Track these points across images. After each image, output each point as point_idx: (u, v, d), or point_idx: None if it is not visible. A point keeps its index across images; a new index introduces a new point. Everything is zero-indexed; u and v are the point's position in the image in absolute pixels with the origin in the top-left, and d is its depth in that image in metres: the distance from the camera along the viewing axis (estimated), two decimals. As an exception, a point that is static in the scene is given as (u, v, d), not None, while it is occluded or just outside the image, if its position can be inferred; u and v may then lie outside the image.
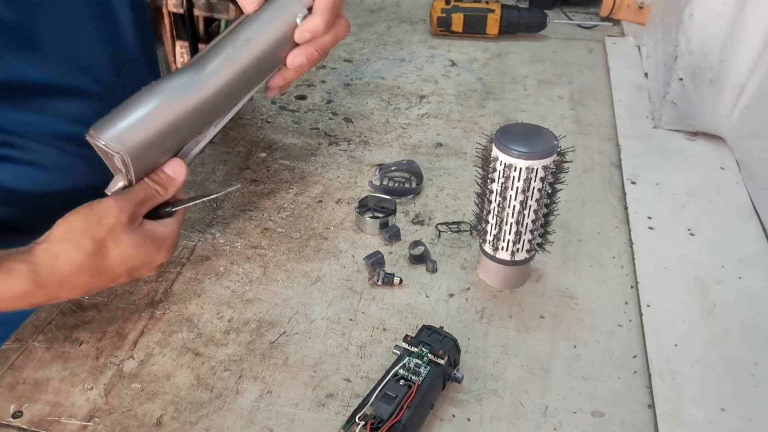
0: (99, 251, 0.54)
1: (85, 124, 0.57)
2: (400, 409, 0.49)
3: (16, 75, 0.61)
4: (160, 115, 0.56)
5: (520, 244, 0.62)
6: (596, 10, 1.30)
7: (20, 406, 0.54)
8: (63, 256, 0.53)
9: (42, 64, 0.63)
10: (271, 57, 0.61)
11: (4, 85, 0.61)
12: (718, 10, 0.80)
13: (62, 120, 0.66)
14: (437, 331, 0.56)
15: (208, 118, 0.60)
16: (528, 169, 0.57)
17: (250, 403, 0.55)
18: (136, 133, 0.55)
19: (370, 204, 0.77)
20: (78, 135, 0.59)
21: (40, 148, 0.66)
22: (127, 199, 0.56)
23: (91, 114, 0.58)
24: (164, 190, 0.58)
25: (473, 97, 1.02)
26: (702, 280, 0.66)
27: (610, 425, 0.53)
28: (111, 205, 0.54)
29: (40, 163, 0.65)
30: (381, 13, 1.35)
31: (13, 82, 0.61)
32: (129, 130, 0.55)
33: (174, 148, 0.60)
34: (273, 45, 0.61)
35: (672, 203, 0.77)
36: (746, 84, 0.80)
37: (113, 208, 0.54)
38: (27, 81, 0.62)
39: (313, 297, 0.65)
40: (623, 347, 0.60)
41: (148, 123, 0.55)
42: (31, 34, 0.62)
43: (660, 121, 0.91)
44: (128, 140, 0.55)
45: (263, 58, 0.61)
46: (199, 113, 0.59)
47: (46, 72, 0.64)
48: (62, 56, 0.65)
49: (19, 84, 0.62)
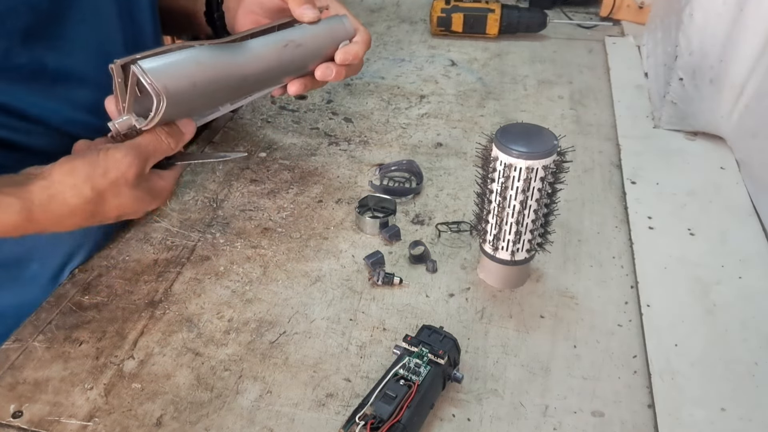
0: (97, 199, 0.55)
1: (97, 113, 0.57)
2: (400, 409, 0.49)
3: (39, 61, 0.61)
4: (204, 74, 0.58)
5: (520, 244, 0.62)
6: (596, 9, 1.30)
7: (20, 406, 0.54)
8: (59, 198, 0.53)
9: (67, 53, 0.64)
10: (307, 65, 0.68)
11: (28, 70, 0.61)
12: (718, 10, 0.80)
13: (82, 109, 0.66)
14: (437, 331, 0.56)
15: (236, 94, 0.65)
16: (528, 169, 0.57)
17: (250, 403, 0.55)
18: (179, 82, 0.56)
19: (370, 204, 0.77)
20: (97, 125, 0.60)
21: (59, 136, 0.66)
22: (136, 153, 0.56)
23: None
24: (175, 144, 0.59)
25: (473, 97, 1.02)
26: (702, 280, 0.66)
27: (610, 425, 0.53)
28: (120, 160, 0.55)
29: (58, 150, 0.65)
30: (381, 12, 1.35)
31: (36, 68, 0.62)
32: (175, 77, 0.56)
33: (196, 110, 0.62)
34: (315, 57, 0.68)
35: (672, 203, 0.77)
36: (746, 84, 0.80)
37: (123, 162, 0.55)
38: (50, 68, 0.63)
39: (313, 297, 0.65)
40: (623, 347, 0.60)
41: (192, 77, 0.57)
42: (59, 22, 0.62)
43: (660, 121, 0.91)
44: (172, 86, 0.55)
45: (302, 64, 0.68)
46: (232, 88, 0.63)
47: (71, 60, 0.64)
48: (86, 46, 0.65)
49: (43, 70, 0.62)
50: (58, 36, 0.63)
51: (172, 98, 0.55)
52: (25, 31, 0.59)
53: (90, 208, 0.55)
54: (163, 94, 0.55)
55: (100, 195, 0.55)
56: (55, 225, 0.55)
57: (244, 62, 0.62)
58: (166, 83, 0.55)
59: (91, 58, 0.66)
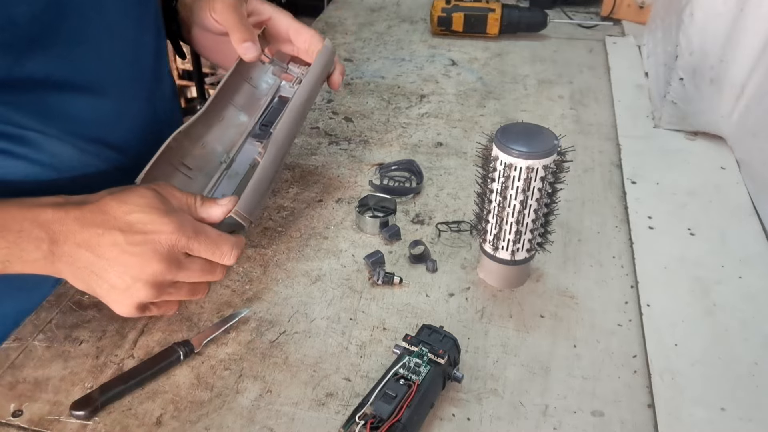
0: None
1: (103, 124, 0.56)
2: (399, 409, 0.49)
3: (40, 72, 0.60)
4: (267, 184, 0.65)
5: (520, 244, 0.62)
6: (597, 9, 1.30)
7: (20, 405, 0.54)
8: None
9: (66, 63, 0.62)
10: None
11: (27, 81, 0.59)
12: (718, 10, 0.80)
13: (79, 120, 0.65)
14: (437, 330, 0.56)
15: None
16: (528, 169, 0.57)
17: (250, 402, 0.55)
18: (255, 205, 0.62)
19: (370, 203, 0.77)
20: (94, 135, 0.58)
21: (56, 146, 0.65)
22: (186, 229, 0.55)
23: (112, 115, 0.57)
24: (229, 258, 0.58)
25: (473, 96, 1.02)
26: (702, 280, 0.66)
27: (610, 425, 0.53)
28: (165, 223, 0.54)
29: (52, 162, 0.65)
30: (381, 12, 1.35)
31: (37, 79, 0.60)
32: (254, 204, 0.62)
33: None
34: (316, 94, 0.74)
35: (672, 203, 0.77)
36: (746, 84, 0.80)
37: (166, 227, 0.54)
38: (51, 79, 0.61)
39: (313, 296, 0.65)
40: (623, 347, 0.60)
41: (263, 194, 0.64)
42: (60, 32, 0.60)
43: (660, 120, 0.91)
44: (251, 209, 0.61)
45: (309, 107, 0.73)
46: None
47: (70, 70, 0.62)
48: (86, 55, 0.64)
49: (44, 81, 0.60)
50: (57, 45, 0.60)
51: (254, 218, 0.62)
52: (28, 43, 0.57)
53: None
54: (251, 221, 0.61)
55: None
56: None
57: (283, 148, 0.67)
58: (254, 216, 0.61)
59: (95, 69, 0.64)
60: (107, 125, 0.64)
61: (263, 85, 0.78)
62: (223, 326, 0.60)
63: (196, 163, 0.69)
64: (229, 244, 0.56)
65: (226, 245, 0.56)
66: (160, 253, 0.52)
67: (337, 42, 1.21)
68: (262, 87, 0.77)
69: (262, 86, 0.77)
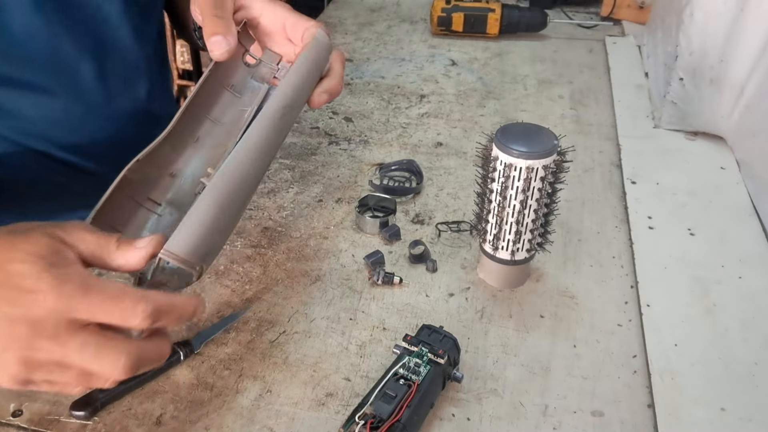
0: None
1: (53, 122, 0.53)
2: (399, 409, 0.49)
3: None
4: (225, 219, 0.50)
5: (520, 244, 0.62)
6: (597, 9, 1.30)
7: (20, 405, 0.54)
8: None
9: (14, 60, 0.61)
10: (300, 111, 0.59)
11: None
12: (718, 10, 0.80)
13: (29, 118, 0.64)
14: (437, 330, 0.56)
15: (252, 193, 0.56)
16: (528, 169, 0.57)
17: (249, 402, 0.55)
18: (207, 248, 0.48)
19: (370, 203, 0.77)
20: (43, 133, 0.57)
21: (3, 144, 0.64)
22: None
23: (62, 114, 0.55)
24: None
25: (473, 96, 1.02)
26: (702, 280, 0.66)
27: (610, 425, 0.53)
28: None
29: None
30: (381, 12, 1.35)
31: None
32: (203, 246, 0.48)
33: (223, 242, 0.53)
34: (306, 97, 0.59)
35: (672, 203, 0.77)
36: (746, 84, 0.80)
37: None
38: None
39: (313, 296, 0.65)
40: (623, 347, 0.60)
41: (217, 230, 0.49)
42: (6, 29, 0.59)
43: (660, 120, 0.91)
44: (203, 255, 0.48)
45: (297, 114, 0.58)
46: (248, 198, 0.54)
47: (19, 69, 0.61)
48: (37, 54, 0.62)
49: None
50: (5, 42, 0.58)
51: (207, 262, 0.48)
52: None
53: None
54: (198, 267, 0.47)
55: None
56: None
57: (250, 167, 0.51)
58: (198, 257, 0.47)
59: (48, 68, 0.63)
60: (59, 125, 0.61)
61: (249, 93, 0.62)
62: (223, 326, 0.60)
63: (165, 197, 0.56)
64: (133, 299, 0.41)
65: (129, 300, 0.41)
66: (32, 320, 0.39)
67: (337, 42, 1.21)
68: (247, 95, 0.62)
69: (248, 94, 0.62)
